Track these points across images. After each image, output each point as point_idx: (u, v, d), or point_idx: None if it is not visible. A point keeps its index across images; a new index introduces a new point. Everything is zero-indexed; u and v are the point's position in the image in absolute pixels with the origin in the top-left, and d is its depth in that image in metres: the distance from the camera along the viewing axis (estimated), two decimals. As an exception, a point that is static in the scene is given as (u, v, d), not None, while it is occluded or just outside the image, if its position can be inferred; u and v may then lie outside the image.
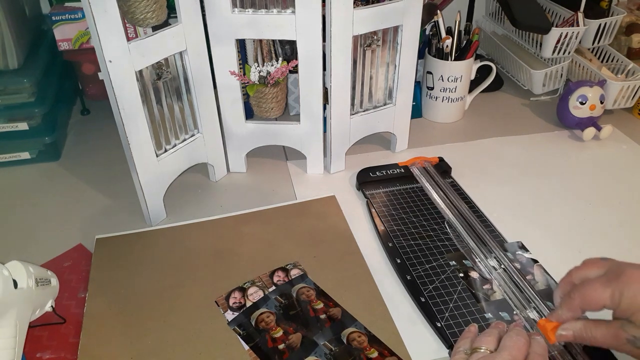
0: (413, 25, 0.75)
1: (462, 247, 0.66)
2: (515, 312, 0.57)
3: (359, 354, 0.53)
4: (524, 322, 0.56)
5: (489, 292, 0.59)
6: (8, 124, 0.82)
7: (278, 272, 0.63)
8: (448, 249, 0.66)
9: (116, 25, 0.58)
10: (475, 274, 0.62)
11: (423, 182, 0.76)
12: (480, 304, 0.58)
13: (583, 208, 0.74)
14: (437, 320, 0.56)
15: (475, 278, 0.61)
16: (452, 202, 0.72)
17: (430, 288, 0.60)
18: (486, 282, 0.60)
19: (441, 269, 0.63)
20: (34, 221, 0.74)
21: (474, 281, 0.61)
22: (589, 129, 0.88)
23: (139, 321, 0.58)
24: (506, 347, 0.43)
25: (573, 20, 0.95)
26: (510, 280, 0.60)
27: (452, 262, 0.63)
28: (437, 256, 0.65)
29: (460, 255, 0.65)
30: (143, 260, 0.66)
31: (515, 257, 0.64)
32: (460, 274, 0.62)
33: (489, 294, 0.59)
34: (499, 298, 0.59)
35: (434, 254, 0.65)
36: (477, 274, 0.62)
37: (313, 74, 0.72)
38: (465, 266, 0.63)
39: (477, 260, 0.64)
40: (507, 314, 0.57)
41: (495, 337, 0.46)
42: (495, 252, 0.64)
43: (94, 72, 0.97)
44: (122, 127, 0.63)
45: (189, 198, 0.78)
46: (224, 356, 0.54)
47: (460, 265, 0.63)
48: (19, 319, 0.52)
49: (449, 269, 0.63)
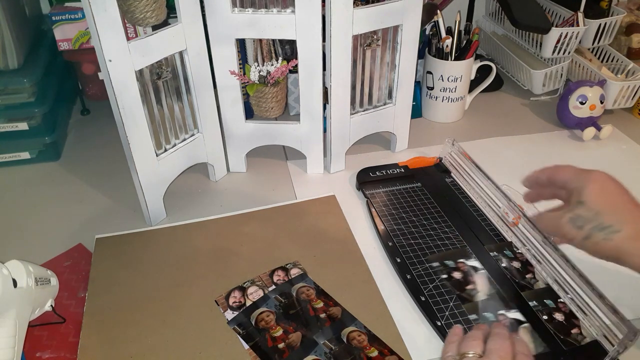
0: (413, 25, 0.75)
1: (460, 245, 0.66)
2: (501, 312, 0.57)
3: (359, 353, 0.53)
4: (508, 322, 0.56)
5: (472, 292, 0.59)
6: (8, 124, 0.82)
7: (278, 272, 0.63)
8: (448, 248, 0.66)
9: (116, 25, 0.58)
10: (459, 274, 0.62)
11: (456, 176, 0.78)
12: (467, 305, 0.58)
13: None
14: (437, 319, 0.56)
15: (458, 279, 0.61)
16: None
17: (430, 287, 0.60)
18: (469, 283, 0.60)
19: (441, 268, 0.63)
20: (34, 221, 0.74)
21: (457, 282, 0.61)
22: (589, 129, 0.88)
23: (138, 320, 0.58)
24: (493, 351, 0.45)
25: (573, 20, 0.95)
26: (504, 279, 0.60)
27: (435, 263, 0.63)
28: (436, 255, 0.65)
29: (443, 255, 0.64)
30: (143, 260, 0.66)
31: (515, 256, 0.64)
32: (444, 275, 0.62)
33: (472, 293, 0.59)
34: (482, 298, 0.59)
35: (434, 253, 0.65)
36: (460, 274, 0.62)
37: (313, 73, 0.72)
38: (447, 267, 0.63)
39: (472, 258, 0.64)
40: (504, 312, 0.57)
41: (480, 339, 0.47)
42: (495, 251, 0.65)
43: (94, 72, 0.97)
44: (122, 127, 0.63)
45: (189, 198, 0.78)
46: (223, 355, 0.54)
47: (443, 267, 0.63)
48: (18, 318, 0.52)
49: (446, 269, 0.63)
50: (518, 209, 0.65)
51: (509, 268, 0.62)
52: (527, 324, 0.55)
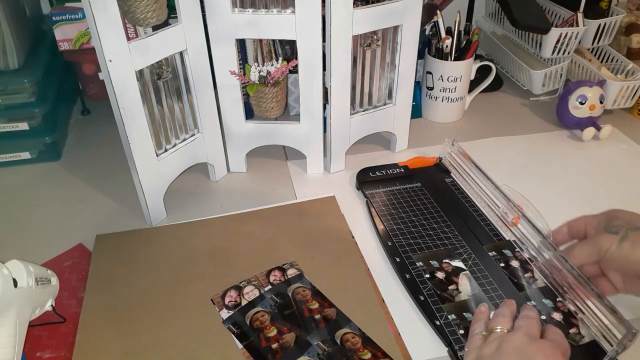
0: (413, 25, 0.75)
1: (460, 245, 0.66)
2: None
3: (352, 355, 0.53)
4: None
5: (454, 292, 0.60)
6: (8, 124, 0.82)
7: (275, 272, 0.63)
8: (447, 247, 0.66)
9: (116, 25, 0.58)
10: (442, 274, 0.62)
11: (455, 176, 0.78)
12: (446, 305, 0.58)
13: (583, 208, 0.74)
14: (436, 319, 0.56)
15: (441, 278, 0.61)
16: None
17: (429, 286, 0.60)
18: (452, 283, 0.61)
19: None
20: (34, 221, 0.74)
21: (439, 282, 0.61)
22: (589, 129, 0.89)
23: (135, 318, 0.58)
24: (521, 326, 0.46)
25: (573, 20, 0.95)
26: (503, 279, 0.61)
27: (419, 263, 0.63)
28: (420, 255, 0.65)
29: (428, 255, 0.65)
30: (142, 258, 0.66)
31: (515, 256, 0.64)
32: (427, 275, 0.62)
33: (454, 294, 0.59)
34: (464, 298, 0.59)
35: (433, 252, 0.65)
36: (443, 274, 0.62)
37: (313, 73, 0.72)
38: (432, 267, 0.63)
39: (456, 259, 0.64)
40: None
41: (508, 316, 0.48)
42: (493, 250, 0.65)
43: (94, 72, 0.98)
44: (122, 127, 0.64)
45: (189, 198, 0.78)
46: (217, 354, 0.54)
47: (427, 266, 0.63)
48: (18, 318, 0.52)
49: (430, 268, 0.63)
50: (517, 209, 0.65)
51: (508, 267, 0.63)
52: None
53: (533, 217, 0.64)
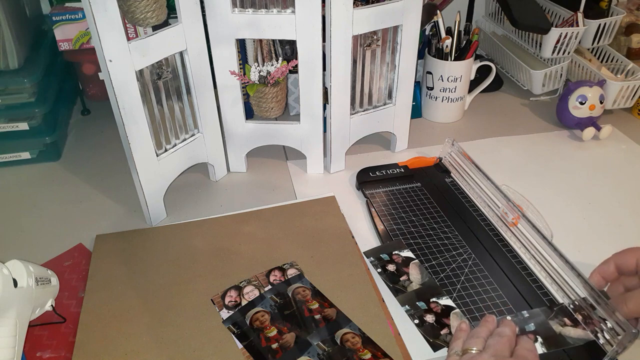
0: (413, 25, 0.75)
1: (460, 244, 0.66)
2: (433, 299, 0.58)
3: (352, 355, 0.53)
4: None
5: (405, 282, 0.60)
6: (8, 124, 0.82)
7: (275, 272, 0.63)
8: (447, 247, 0.66)
9: (116, 25, 0.58)
10: (392, 266, 0.62)
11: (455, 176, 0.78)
12: (400, 296, 0.58)
13: (582, 208, 0.74)
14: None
15: (392, 271, 0.62)
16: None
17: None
18: (403, 274, 0.61)
19: (440, 268, 0.63)
20: (34, 221, 0.74)
21: (390, 274, 0.61)
22: (589, 129, 0.89)
23: (135, 318, 0.58)
24: (490, 346, 0.47)
25: (573, 20, 0.95)
26: (503, 278, 0.61)
27: (371, 259, 0.64)
28: (436, 255, 0.65)
29: (378, 249, 0.66)
30: (142, 258, 0.66)
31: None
32: (378, 269, 0.63)
33: (405, 285, 0.60)
34: (415, 288, 0.59)
35: (433, 252, 0.65)
36: (393, 267, 0.62)
37: (313, 74, 0.72)
38: (382, 260, 0.64)
39: (405, 249, 0.64)
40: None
41: (483, 337, 0.49)
42: (494, 250, 0.65)
43: (94, 72, 0.98)
44: (122, 127, 0.64)
45: (189, 198, 0.78)
46: (217, 354, 0.54)
47: (378, 260, 0.64)
48: (19, 318, 0.52)
49: (449, 267, 0.63)
50: (517, 209, 0.65)
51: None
52: (456, 309, 0.57)
53: (533, 217, 0.64)
